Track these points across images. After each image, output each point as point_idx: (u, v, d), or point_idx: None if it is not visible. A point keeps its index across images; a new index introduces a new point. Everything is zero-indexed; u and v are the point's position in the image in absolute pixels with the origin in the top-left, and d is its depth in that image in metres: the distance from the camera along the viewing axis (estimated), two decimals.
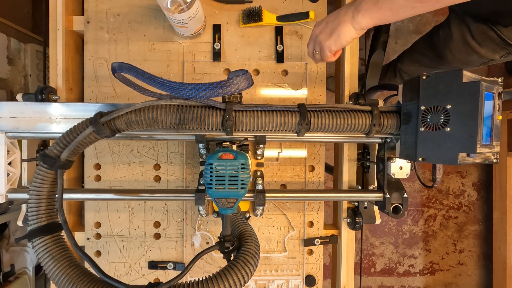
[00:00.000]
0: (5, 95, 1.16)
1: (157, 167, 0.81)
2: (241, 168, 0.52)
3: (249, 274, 0.45)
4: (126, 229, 0.81)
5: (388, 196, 0.68)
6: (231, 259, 0.47)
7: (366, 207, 0.80)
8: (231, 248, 0.49)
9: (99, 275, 0.46)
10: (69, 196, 0.67)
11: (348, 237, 0.83)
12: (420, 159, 0.56)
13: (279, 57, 0.81)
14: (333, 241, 0.84)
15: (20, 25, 1.26)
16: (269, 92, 0.81)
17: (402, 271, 1.81)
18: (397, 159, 0.67)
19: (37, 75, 1.30)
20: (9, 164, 0.66)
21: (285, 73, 0.82)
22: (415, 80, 0.57)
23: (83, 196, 0.71)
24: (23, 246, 1.27)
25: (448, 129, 0.53)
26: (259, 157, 0.71)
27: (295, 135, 0.63)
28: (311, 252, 0.84)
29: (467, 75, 0.52)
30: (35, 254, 0.48)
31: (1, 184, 0.64)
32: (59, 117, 0.62)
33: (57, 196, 0.50)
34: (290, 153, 0.82)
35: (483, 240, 1.82)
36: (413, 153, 0.57)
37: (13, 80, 1.21)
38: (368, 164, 0.80)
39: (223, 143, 0.65)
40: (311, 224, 0.83)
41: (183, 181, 0.81)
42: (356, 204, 0.81)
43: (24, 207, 0.75)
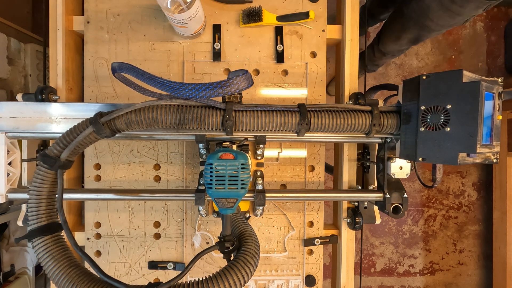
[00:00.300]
0: (5, 95, 1.16)
1: (157, 167, 0.81)
2: (241, 168, 0.52)
3: (249, 274, 0.45)
4: (126, 229, 0.81)
5: (388, 196, 0.68)
6: (231, 259, 0.47)
7: (366, 207, 0.80)
8: (231, 248, 0.49)
9: (99, 275, 0.46)
10: (69, 196, 0.67)
11: (348, 237, 0.83)
12: (420, 159, 0.56)
13: (279, 57, 0.81)
14: (333, 241, 0.84)
15: (20, 25, 1.26)
16: (269, 92, 0.81)
17: (402, 271, 1.81)
18: (397, 159, 0.67)
19: (37, 75, 1.30)
20: (9, 164, 0.66)
21: (285, 73, 0.82)
22: (415, 80, 0.57)
23: (83, 196, 0.71)
24: (23, 246, 1.27)
25: (448, 129, 0.53)
26: (259, 157, 0.71)
27: (295, 135, 0.63)
28: (311, 252, 0.84)
29: (467, 75, 0.52)
30: (35, 254, 0.48)
31: (1, 184, 0.64)
32: (59, 117, 0.62)
33: (57, 196, 0.50)
34: (290, 153, 0.82)
35: (483, 240, 1.82)
36: (413, 153, 0.58)
37: (13, 80, 1.21)
38: (368, 164, 0.80)
39: (223, 143, 0.65)
40: (311, 224, 0.83)
41: (183, 181, 0.81)
42: (356, 204, 0.81)
43: (24, 207, 0.75)
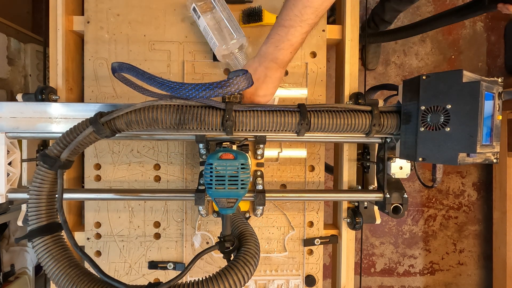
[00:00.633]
0: (5, 95, 1.16)
1: (157, 167, 0.81)
2: (241, 168, 0.52)
3: (249, 274, 0.45)
4: (126, 229, 0.81)
5: (388, 196, 0.68)
6: (231, 259, 0.47)
7: (366, 207, 0.80)
8: (231, 248, 0.49)
9: (99, 275, 0.46)
10: (69, 196, 0.67)
11: (348, 237, 0.83)
12: (420, 159, 0.56)
13: None
14: (333, 241, 0.84)
15: (20, 25, 1.26)
16: None
17: (402, 271, 1.81)
18: (397, 159, 0.67)
19: (37, 75, 1.30)
20: (9, 164, 0.66)
21: (285, 73, 0.82)
22: (415, 80, 0.57)
23: (83, 196, 0.71)
24: (23, 246, 1.27)
25: (448, 129, 0.53)
26: (259, 157, 0.71)
27: (295, 135, 0.63)
28: (311, 252, 0.84)
29: (467, 75, 0.52)
30: (35, 254, 0.48)
31: (1, 184, 0.64)
32: (59, 117, 0.62)
33: (57, 196, 0.50)
34: (290, 153, 0.82)
35: (483, 240, 1.82)
36: (413, 153, 0.57)
37: (13, 80, 1.21)
38: (368, 164, 0.80)
39: (223, 143, 0.65)
40: (311, 224, 0.83)
41: (183, 181, 0.81)
42: (356, 204, 0.81)
43: (24, 207, 0.75)
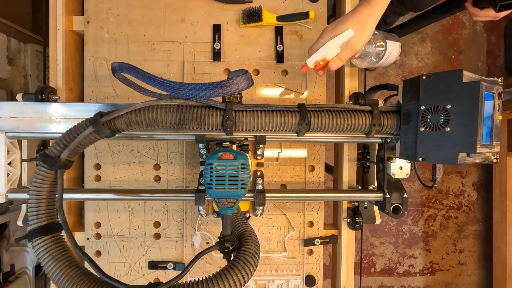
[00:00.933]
0: (5, 95, 1.16)
1: (157, 167, 0.81)
2: (241, 168, 0.52)
3: (249, 274, 0.45)
4: (126, 229, 0.81)
5: (388, 196, 0.68)
6: (231, 259, 0.47)
7: (366, 207, 0.80)
8: (231, 248, 0.49)
9: (99, 275, 0.46)
10: (69, 196, 0.67)
11: (348, 237, 0.83)
12: (420, 159, 0.56)
13: (279, 57, 0.80)
14: (333, 241, 0.84)
15: (20, 25, 1.26)
16: (269, 92, 0.81)
17: (402, 271, 1.81)
18: (397, 159, 0.67)
19: (37, 75, 1.30)
20: (9, 164, 0.66)
21: (285, 73, 0.82)
22: (415, 80, 0.57)
23: (83, 196, 0.71)
24: (23, 246, 1.27)
25: (448, 129, 0.53)
26: (259, 157, 0.71)
27: (295, 135, 0.63)
28: (311, 252, 0.84)
29: (467, 75, 0.52)
30: (35, 254, 0.48)
31: (1, 184, 0.64)
32: (59, 117, 0.62)
33: (57, 196, 0.50)
34: (290, 153, 0.82)
35: (483, 240, 1.81)
36: (413, 153, 0.57)
37: (13, 80, 1.21)
38: (368, 164, 0.80)
39: (223, 143, 0.65)
40: (311, 224, 0.83)
41: (183, 181, 0.81)
42: (356, 204, 0.81)
43: (24, 207, 0.75)
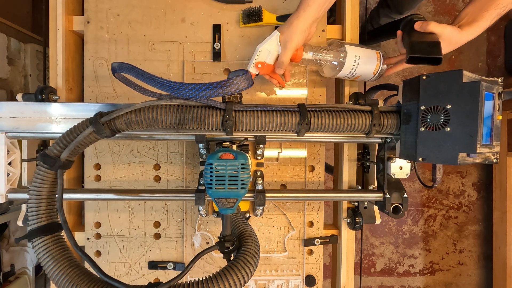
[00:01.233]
0: (5, 95, 1.16)
1: (157, 167, 0.81)
2: (241, 168, 0.52)
3: (249, 274, 0.45)
4: (126, 229, 0.81)
5: (388, 196, 0.68)
6: (231, 259, 0.47)
7: (366, 207, 0.80)
8: (231, 248, 0.49)
9: (99, 275, 0.46)
10: (69, 196, 0.67)
11: (348, 237, 0.83)
12: (420, 159, 0.56)
13: None
14: (333, 241, 0.84)
15: (20, 25, 1.26)
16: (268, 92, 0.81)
17: (402, 271, 1.80)
18: (397, 159, 0.67)
19: (37, 75, 1.30)
20: (9, 164, 0.66)
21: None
22: (415, 80, 0.57)
23: (83, 196, 0.71)
24: (23, 246, 1.27)
25: (448, 129, 0.53)
26: (259, 157, 0.71)
27: (295, 135, 0.63)
28: (311, 252, 0.84)
29: (467, 75, 0.52)
30: (35, 254, 0.48)
31: (1, 184, 0.64)
32: (59, 117, 0.62)
33: (57, 196, 0.50)
34: (290, 153, 0.82)
35: (483, 240, 1.81)
36: (413, 153, 0.57)
37: (13, 80, 1.21)
38: (368, 164, 0.80)
39: (223, 143, 0.65)
40: (311, 224, 0.83)
41: (183, 181, 0.81)
42: (356, 204, 0.81)
43: (24, 207, 0.75)
